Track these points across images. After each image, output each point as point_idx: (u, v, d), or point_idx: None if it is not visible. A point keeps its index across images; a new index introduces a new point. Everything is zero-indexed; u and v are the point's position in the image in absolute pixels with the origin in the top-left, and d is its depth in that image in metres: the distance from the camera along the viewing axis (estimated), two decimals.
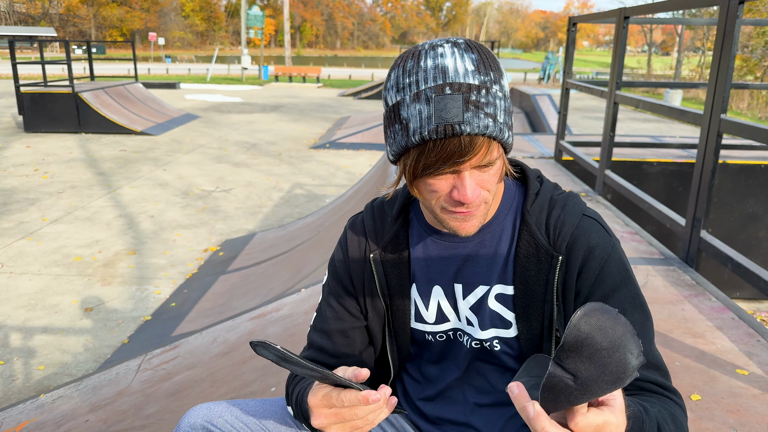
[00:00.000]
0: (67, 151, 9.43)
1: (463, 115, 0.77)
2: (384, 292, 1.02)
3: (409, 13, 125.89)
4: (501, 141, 0.82)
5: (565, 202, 0.96)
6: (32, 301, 4.10)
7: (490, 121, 0.79)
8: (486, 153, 0.81)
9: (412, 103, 0.80)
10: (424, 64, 0.80)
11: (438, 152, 0.79)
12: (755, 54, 20.17)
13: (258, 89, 23.34)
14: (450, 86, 0.78)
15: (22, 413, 2.45)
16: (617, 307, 0.88)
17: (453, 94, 0.78)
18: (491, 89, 0.80)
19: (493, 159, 0.83)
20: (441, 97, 0.78)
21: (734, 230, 4.92)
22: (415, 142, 0.80)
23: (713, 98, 2.68)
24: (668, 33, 59.55)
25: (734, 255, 2.55)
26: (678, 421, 0.82)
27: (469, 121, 0.78)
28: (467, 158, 0.80)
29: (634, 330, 0.60)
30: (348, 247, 1.05)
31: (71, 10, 72.82)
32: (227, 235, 5.60)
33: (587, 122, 13.92)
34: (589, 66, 56.19)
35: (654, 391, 0.86)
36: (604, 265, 0.90)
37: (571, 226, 0.92)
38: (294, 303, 2.93)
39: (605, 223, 0.96)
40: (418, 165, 0.82)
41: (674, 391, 0.88)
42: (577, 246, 0.91)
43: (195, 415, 0.99)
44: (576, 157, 4.60)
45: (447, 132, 0.78)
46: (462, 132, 0.78)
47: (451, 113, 0.77)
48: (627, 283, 0.90)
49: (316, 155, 9.75)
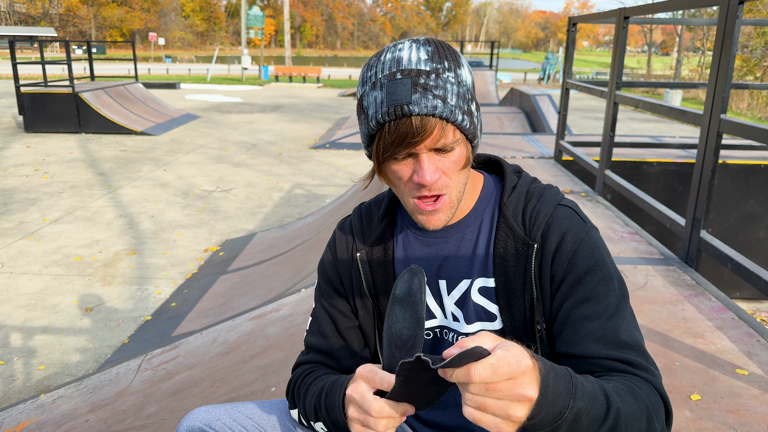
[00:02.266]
0: (68, 151, 9.43)
1: (411, 96, 0.82)
2: (371, 291, 1.04)
3: (409, 13, 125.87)
4: (455, 124, 0.85)
5: (542, 193, 0.97)
6: (32, 301, 4.10)
7: (439, 102, 0.83)
8: (440, 135, 0.84)
9: (371, 91, 0.86)
10: (383, 58, 0.86)
11: (393, 134, 0.84)
12: (755, 54, 20.17)
13: (258, 89, 23.34)
14: (401, 72, 0.83)
15: (22, 413, 2.45)
16: (589, 290, 0.89)
17: (403, 78, 0.83)
18: (442, 75, 0.84)
19: (449, 142, 0.85)
20: (392, 82, 0.83)
21: (734, 230, 4.92)
22: (374, 127, 0.85)
23: (713, 98, 2.68)
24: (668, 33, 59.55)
25: (734, 255, 2.55)
26: (638, 394, 0.81)
27: (417, 102, 0.82)
28: (419, 139, 0.83)
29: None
30: (336, 247, 1.07)
31: (71, 10, 72.82)
32: (227, 235, 5.60)
33: (587, 122, 13.92)
34: (589, 66, 56.19)
35: (622, 371, 0.85)
36: (577, 249, 0.91)
37: (546, 214, 0.94)
38: (294, 303, 2.93)
39: (581, 212, 0.97)
40: (379, 150, 0.86)
41: (647, 369, 0.86)
42: (551, 233, 0.92)
43: (193, 418, 1.00)
44: (576, 157, 4.60)
45: (397, 113, 0.82)
46: (411, 112, 0.82)
47: (400, 95, 0.82)
48: (600, 265, 0.91)
49: (316, 155, 9.75)
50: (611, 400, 0.75)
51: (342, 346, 1.05)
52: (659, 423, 0.82)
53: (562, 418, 0.69)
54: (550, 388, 0.67)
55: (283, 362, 2.28)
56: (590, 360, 0.87)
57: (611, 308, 0.89)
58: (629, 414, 0.77)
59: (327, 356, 1.05)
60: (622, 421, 0.75)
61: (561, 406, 0.68)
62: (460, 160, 0.89)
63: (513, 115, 12.19)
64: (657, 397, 0.84)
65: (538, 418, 0.67)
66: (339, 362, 1.05)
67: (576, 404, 0.70)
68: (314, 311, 1.09)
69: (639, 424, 0.78)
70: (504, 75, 30.82)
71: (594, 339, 0.87)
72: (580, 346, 0.87)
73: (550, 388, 0.67)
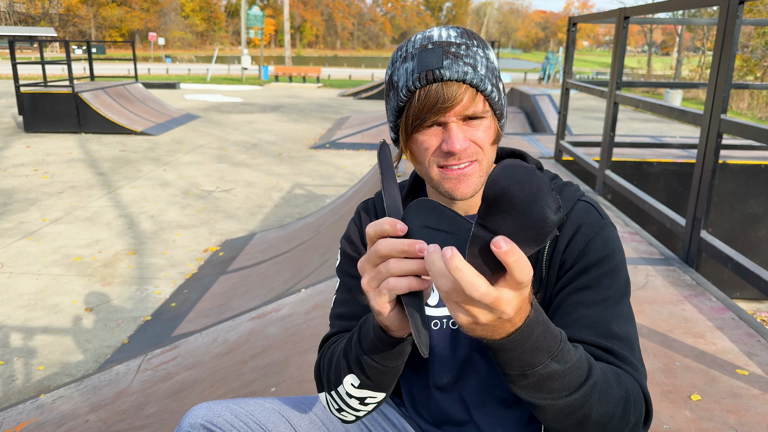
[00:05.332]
0: (67, 151, 9.43)
1: (443, 62, 0.84)
2: None
3: (409, 13, 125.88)
4: (484, 93, 0.87)
5: (562, 189, 0.98)
6: (32, 301, 4.10)
7: (469, 68, 0.84)
8: (471, 103, 0.86)
9: (401, 65, 0.88)
10: (414, 38, 0.90)
11: (423, 101, 0.85)
12: (755, 54, 20.17)
13: (258, 89, 23.34)
14: (432, 43, 0.86)
15: (22, 413, 2.45)
16: (592, 279, 0.90)
17: (434, 48, 0.85)
18: (471, 47, 0.87)
19: (479, 111, 0.87)
20: (423, 52, 0.86)
21: (734, 230, 4.92)
22: (404, 97, 0.87)
23: (713, 98, 2.68)
24: (668, 33, 59.53)
25: (734, 255, 2.55)
26: (621, 381, 0.80)
27: (448, 67, 0.84)
28: (449, 104, 0.85)
29: (550, 186, 0.59)
30: (362, 224, 1.07)
31: (71, 10, 72.83)
32: (227, 235, 5.60)
33: (587, 122, 13.92)
34: (589, 66, 56.18)
35: (605, 360, 0.85)
36: (590, 240, 0.92)
37: (565, 209, 0.94)
38: (294, 303, 2.93)
39: (602, 209, 0.98)
40: (408, 121, 0.88)
41: (632, 364, 0.86)
42: (569, 224, 0.93)
43: (195, 415, 1.00)
44: (576, 157, 4.60)
45: (428, 78, 0.84)
46: (442, 77, 0.84)
47: (430, 61, 0.84)
48: (610, 259, 0.91)
49: (317, 155, 9.75)
50: (592, 373, 0.76)
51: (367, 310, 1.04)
52: (635, 415, 0.81)
53: (532, 371, 0.70)
54: (533, 337, 0.68)
55: (283, 362, 2.28)
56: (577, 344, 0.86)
57: (610, 300, 0.89)
58: (606, 393, 0.77)
59: (352, 321, 1.03)
60: (595, 397, 0.76)
61: (536, 359, 0.70)
62: (490, 132, 0.90)
63: (513, 115, 12.19)
64: (639, 391, 0.83)
65: (510, 354, 0.69)
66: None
67: (551, 365, 0.71)
68: (338, 287, 1.08)
69: (614, 408, 0.78)
70: (504, 75, 30.81)
71: (585, 324, 0.88)
72: (570, 329, 0.88)
73: (533, 337, 0.68)
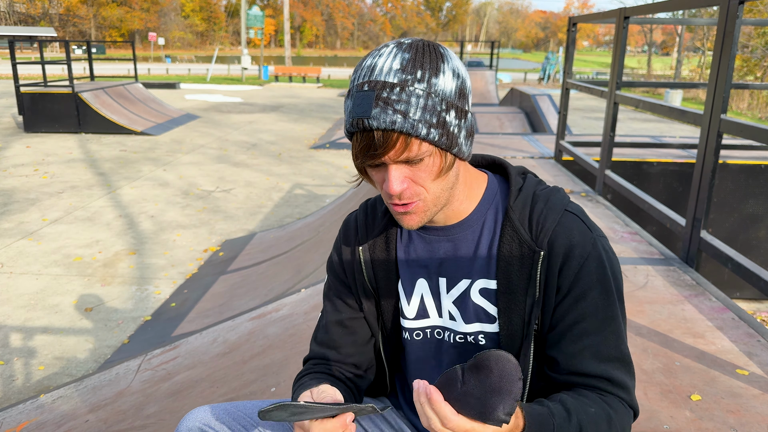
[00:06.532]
0: (67, 151, 9.43)
1: (371, 111, 0.82)
2: (372, 285, 1.05)
3: (409, 13, 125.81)
4: (419, 137, 0.83)
5: (548, 197, 0.97)
6: (32, 301, 4.10)
7: (399, 117, 0.82)
8: (403, 149, 0.84)
9: (347, 99, 0.88)
10: (364, 63, 0.87)
11: (359, 145, 0.85)
12: (755, 54, 20.17)
13: (258, 89, 23.34)
14: (368, 83, 0.83)
15: (22, 413, 2.45)
16: (592, 306, 0.93)
17: (368, 91, 0.83)
18: (407, 87, 0.82)
19: (413, 156, 0.85)
20: (359, 94, 0.84)
21: (734, 230, 4.92)
22: (348, 135, 0.88)
23: (713, 98, 2.68)
24: (668, 33, 59.51)
25: (734, 255, 2.55)
26: (613, 422, 0.89)
27: (376, 117, 0.82)
28: (380, 152, 0.84)
29: (518, 395, 0.73)
30: (342, 241, 1.10)
31: (71, 10, 72.80)
32: (227, 235, 5.60)
33: (587, 122, 13.92)
34: (589, 66, 56.17)
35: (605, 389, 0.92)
36: (584, 264, 0.93)
37: (553, 221, 0.94)
38: (294, 303, 2.93)
39: (588, 219, 0.98)
40: (354, 157, 0.89)
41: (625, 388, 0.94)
42: (558, 243, 0.93)
43: (193, 418, 1.00)
44: (576, 157, 4.60)
45: (359, 125, 0.84)
46: (370, 126, 0.83)
47: (361, 109, 0.83)
48: (605, 279, 0.94)
49: (317, 155, 9.75)
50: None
51: (345, 337, 1.08)
52: None
53: None
54: None
55: (283, 362, 2.28)
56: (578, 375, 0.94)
57: (607, 320, 0.94)
58: None
59: (330, 349, 1.08)
60: None
61: None
62: (432, 170, 0.88)
63: (513, 115, 12.19)
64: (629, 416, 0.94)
65: None
66: (341, 352, 1.08)
67: None
68: (323, 306, 1.13)
69: None
70: (504, 75, 30.82)
71: (589, 355, 0.93)
72: (575, 359, 0.93)
73: None
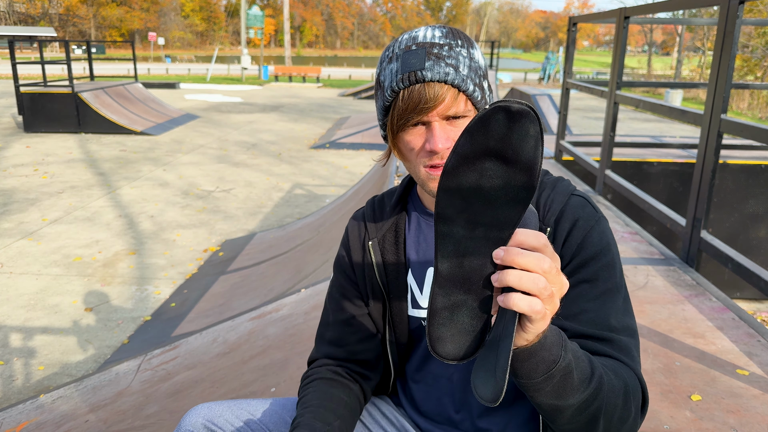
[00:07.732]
0: (67, 151, 9.43)
1: (425, 63, 0.86)
2: (382, 279, 1.05)
3: (409, 13, 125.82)
4: (466, 93, 0.88)
5: (555, 184, 0.99)
6: (32, 301, 4.10)
7: (451, 69, 0.87)
8: (452, 103, 0.88)
9: (387, 65, 0.90)
10: (401, 38, 0.92)
11: (406, 101, 0.87)
12: (755, 54, 20.16)
13: (258, 89, 23.34)
14: (416, 44, 0.88)
15: (22, 413, 2.44)
16: (591, 273, 0.92)
17: (417, 49, 0.87)
18: (454, 47, 0.88)
19: (461, 111, 0.89)
20: (407, 53, 0.88)
21: (735, 230, 4.92)
22: (389, 97, 0.90)
23: (713, 98, 2.68)
24: (668, 33, 59.49)
25: (735, 255, 2.54)
26: (618, 371, 0.83)
27: (430, 68, 0.86)
28: (431, 105, 0.87)
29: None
30: (350, 237, 1.10)
31: (71, 10, 72.79)
32: (227, 235, 5.59)
33: (587, 122, 13.91)
34: (589, 66, 56.16)
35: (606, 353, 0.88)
36: (587, 235, 0.93)
37: (560, 203, 0.96)
38: (294, 303, 2.93)
39: (594, 202, 0.99)
40: (393, 120, 0.90)
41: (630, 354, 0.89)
42: (564, 218, 0.95)
43: (196, 414, 1.00)
44: (576, 157, 4.60)
45: (411, 79, 0.86)
46: (424, 78, 0.86)
47: (413, 63, 0.87)
48: (606, 252, 0.93)
49: (317, 155, 9.75)
50: (594, 365, 0.78)
51: (352, 334, 1.07)
52: (635, 404, 0.84)
53: (556, 366, 0.70)
54: (548, 331, 0.69)
55: (282, 362, 2.28)
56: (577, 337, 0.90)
57: (608, 293, 0.92)
58: (609, 383, 0.79)
59: (337, 347, 1.08)
60: (605, 387, 0.77)
61: (555, 355, 0.70)
62: None
63: None
64: (636, 380, 0.86)
65: (539, 356, 0.69)
66: (348, 350, 1.07)
67: (567, 355, 0.71)
68: (325, 302, 1.12)
69: (616, 398, 0.80)
70: (504, 75, 30.81)
71: (587, 318, 0.90)
72: (572, 321, 0.90)
73: (548, 331, 0.69)
